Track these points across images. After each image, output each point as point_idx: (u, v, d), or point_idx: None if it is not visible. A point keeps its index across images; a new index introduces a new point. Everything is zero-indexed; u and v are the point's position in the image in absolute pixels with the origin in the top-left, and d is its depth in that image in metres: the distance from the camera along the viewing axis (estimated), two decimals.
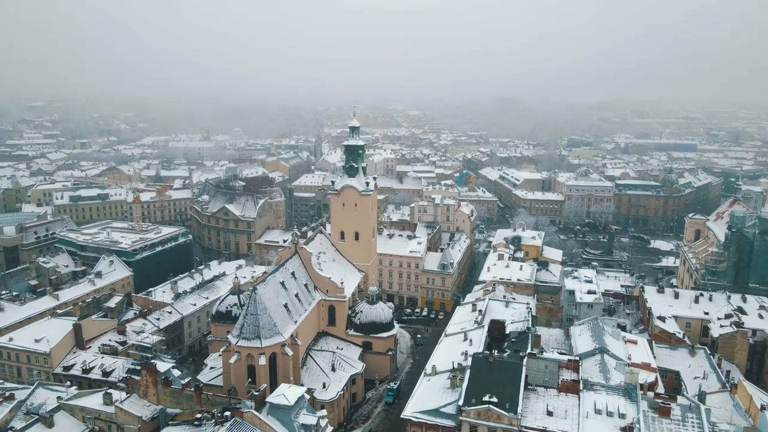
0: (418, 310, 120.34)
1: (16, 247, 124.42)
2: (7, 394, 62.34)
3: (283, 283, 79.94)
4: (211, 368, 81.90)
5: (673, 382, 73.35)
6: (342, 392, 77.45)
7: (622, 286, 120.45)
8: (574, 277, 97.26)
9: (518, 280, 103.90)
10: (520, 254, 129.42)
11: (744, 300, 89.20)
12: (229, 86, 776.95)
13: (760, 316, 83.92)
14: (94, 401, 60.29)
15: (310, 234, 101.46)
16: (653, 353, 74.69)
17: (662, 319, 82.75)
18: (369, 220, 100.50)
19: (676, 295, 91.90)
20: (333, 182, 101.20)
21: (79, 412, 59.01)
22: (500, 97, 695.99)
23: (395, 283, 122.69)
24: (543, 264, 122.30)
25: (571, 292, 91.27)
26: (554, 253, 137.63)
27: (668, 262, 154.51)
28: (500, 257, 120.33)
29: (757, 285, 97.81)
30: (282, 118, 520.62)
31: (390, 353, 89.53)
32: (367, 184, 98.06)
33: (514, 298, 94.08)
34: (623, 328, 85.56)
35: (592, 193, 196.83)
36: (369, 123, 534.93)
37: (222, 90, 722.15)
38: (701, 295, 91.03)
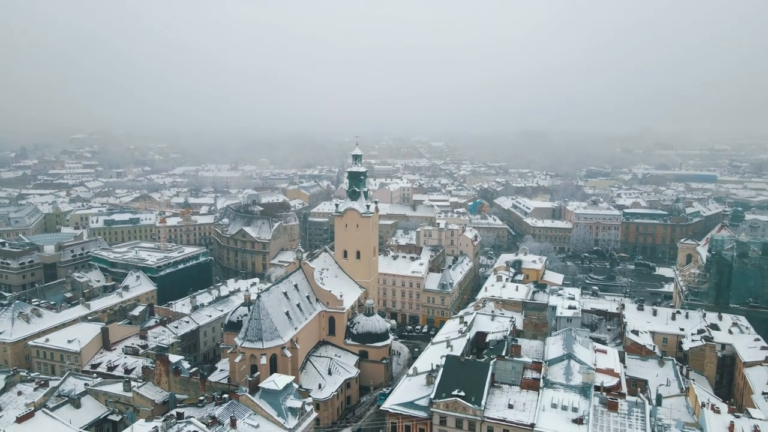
0: (419, 327, 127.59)
1: (55, 264, 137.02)
2: (43, 381, 72.36)
3: (285, 294, 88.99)
4: (221, 371, 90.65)
5: (643, 389, 79.29)
6: (336, 393, 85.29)
7: (617, 308, 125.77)
8: (559, 295, 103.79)
9: (509, 298, 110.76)
10: (520, 277, 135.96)
11: (720, 318, 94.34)
12: (258, 120, 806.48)
13: (730, 332, 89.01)
14: (115, 388, 69.85)
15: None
16: (624, 363, 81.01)
17: (636, 332, 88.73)
18: (370, 240, 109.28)
19: (655, 313, 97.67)
20: (337, 205, 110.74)
21: (102, 396, 68.56)
22: (524, 130, 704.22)
23: (398, 301, 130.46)
24: (541, 286, 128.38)
25: (554, 308, 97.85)
26: (555, 277, 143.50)
27: (670, 287, 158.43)
28: (498, 279, 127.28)
29: (737, 305, 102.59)
30: (308, 149, 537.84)
31: (384, 362, 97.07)
32: (368, 207, 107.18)
33: (502, 313, 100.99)
34: (603, 342, 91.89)
35: (600, 222, 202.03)
36: (392, 154, 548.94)
37: (251, 124, 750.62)
38: (678, 312, 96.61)
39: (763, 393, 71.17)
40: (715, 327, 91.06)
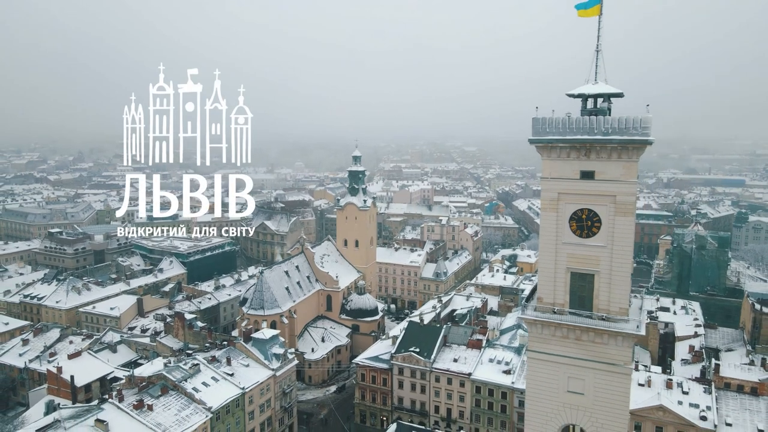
0: (415, 311, 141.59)
1: (103, 251, 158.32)
2: (87, 334, 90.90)
3: (287, 272, 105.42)
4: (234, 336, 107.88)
5: None
6: (326, 356, 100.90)
7: None
8: (530, 280, 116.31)
9: (489, 284, 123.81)
10: (514, 269, 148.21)
11: (673, 303, 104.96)
12: (296, 127, 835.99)
13: (675, 313, 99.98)
14: (144, 339, 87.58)
15: None
16: None
17: None
18: (367, 230, 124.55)
19: None
20: (338, 200, 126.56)
21: (133, 345, 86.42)
22: None
23: (398, 288, 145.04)
24: (530, 277, 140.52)
25: (522, 290, 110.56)
26: None
27: None
28: (490, 269, 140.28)
29: (696, 293, 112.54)
30: (343, 153, 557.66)
31: (373, 335, 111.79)
32: (365, 201, 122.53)
33: (479, 296, 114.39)
34: None
35: None
36: (425, 158, 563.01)
37: (288, 131, 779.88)
38: (635, 297, 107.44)
39: (682, 359, 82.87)
40: (665, 309, 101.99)
